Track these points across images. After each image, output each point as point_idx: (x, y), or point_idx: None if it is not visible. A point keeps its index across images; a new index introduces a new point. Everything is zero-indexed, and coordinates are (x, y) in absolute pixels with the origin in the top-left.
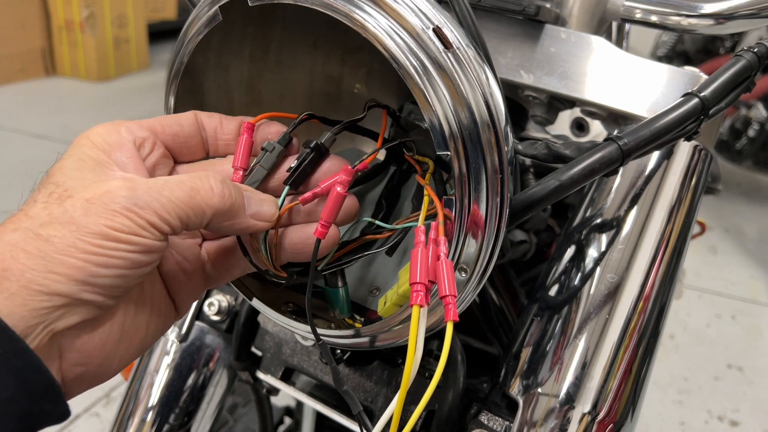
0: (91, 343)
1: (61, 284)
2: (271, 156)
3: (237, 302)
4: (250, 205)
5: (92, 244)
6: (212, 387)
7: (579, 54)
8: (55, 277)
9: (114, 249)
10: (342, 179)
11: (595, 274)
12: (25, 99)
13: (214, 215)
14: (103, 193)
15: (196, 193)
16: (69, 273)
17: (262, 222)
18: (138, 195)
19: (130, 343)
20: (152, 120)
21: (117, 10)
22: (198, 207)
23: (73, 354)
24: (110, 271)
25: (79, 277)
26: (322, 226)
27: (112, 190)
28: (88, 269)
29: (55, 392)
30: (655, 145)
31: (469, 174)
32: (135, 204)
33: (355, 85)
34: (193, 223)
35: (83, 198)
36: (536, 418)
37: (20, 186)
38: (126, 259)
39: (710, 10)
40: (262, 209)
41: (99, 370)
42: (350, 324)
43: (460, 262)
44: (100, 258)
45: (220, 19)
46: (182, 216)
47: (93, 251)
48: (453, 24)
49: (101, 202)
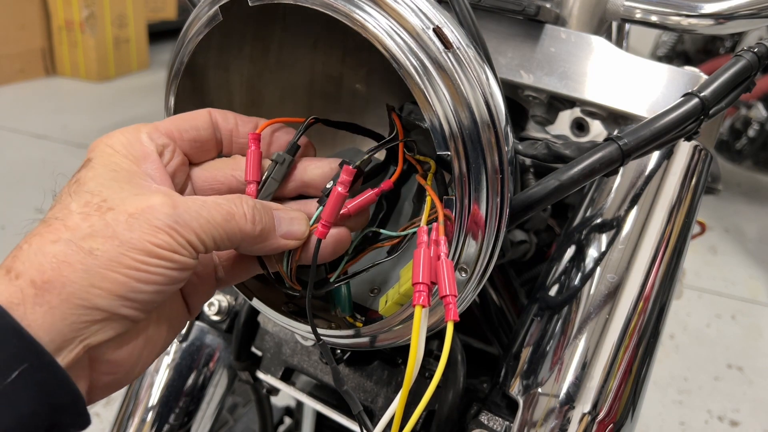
0: (120, 354)
1: (102, 299)
2: (281, 168)
3: (237, 302)
4: (280, 225)
5: (135, 260)
6: (212, 387)
7: (579, 54)
8: (96, 292)
9: (156, 266)
10: (343, 179)
11: (595, 274)
12: (25, 99)
13: (244, 239)
14: (146, 209)
15: (231, 217)
16: (111, 288)
17: (292, 241)
18: (179, 213)
19: (152, 349)
20: (169, 124)
21: (117, 10)
22: (232, 231)
23: (104, 365)
24: (150, 287)
25: (120, 293)
26: (323, 226)
27: (154, 206)
28: (129, 285)
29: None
30: (655, 145)
31: (469, 174)
32: (176, 222)
33: (355, 85)
34: (224, 246)
35: (126, 212)
36: (536, 418)
37: (20, 186)
38: (165, 276)
39: (710, 10)
40: (293, 228)
41: (124, 377)
42: (351, 323)
43: (461, 262)
44: (141, 274)
45: (220, 19)
46: (216, 238)
47: (136, 267)
48: (453, 24)
49: (144, 217)
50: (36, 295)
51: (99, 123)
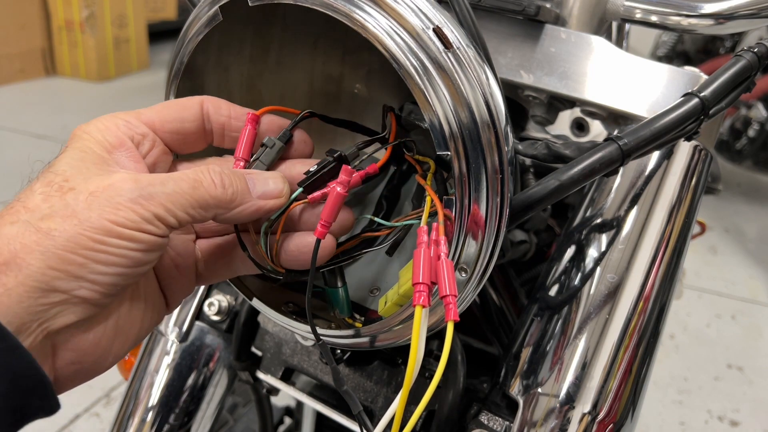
0: (85, 341)
1: (60, 280)
2: (270, 152)
3: (237, 302)
4: (255, 186)
5: (94, 240)
6: (212, 387)
7: (579, 54)
8: (53, 273)
9: (115, 246)
10: (342, 179)
11: (595, 274)
12: (25, 99)
13: (218, 206)
14: (107, 186)
15: (199, 184)
16: (69, 269)
17: (273, 200)
18: (142, 187)
19: (124, 339)
20: (152, 113)
21: (117, 10)
22: (202, 198)
23: (67, 353)
24: (110, 269)
25: (79, 274)
26: (322, 226)
27: (115, 183)
28: (88, 266)
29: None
30: (655, 145)
31: (469, 174)
32: (140, 196)
33: (355, 85)
34: (199, 215)
35: (87, 191)
36: (536, 418)
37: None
38: (126, 257)
39: (710, 10)
40: (269, 187)
41: (93, 367)
42: (350, 324)
43: (461, 262)
44: (101, 255)
45: (220, 19)
46: (187, 208)
47: (94, 247)
48: (453, 24)
49: (105, 195)
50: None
51: None
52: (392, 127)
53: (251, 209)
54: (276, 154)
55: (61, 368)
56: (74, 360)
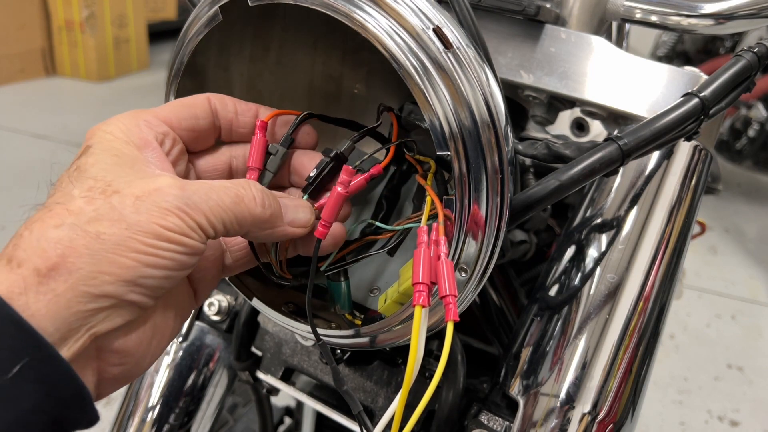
0: (128, 343)
1: (110, 285)
2: (275, 159)
3: (237, 302)
4: (287, 213)
5: (144, 243)
6: (212, 387)
7: (579, 54)
8: (104, 278)
9: (165, 249)
10: (342, 179)
11: (595, 274)
12: (25, 99)
13: (254, 224)
14: (153, 191)
15: (240, 200)
16: (119, 273)
17: (299, 229)
18: (188, 195)
19: (161, 338)
20: (168, 112)
21: (117, 10)
22: (241, 214)
23: (112, 355)
24: (159, 272)
25: (129, 278)
26: (323, 226)
27: (162, 188)
28: (138, 269)
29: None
30: (655, 145)
31: (469, 174)
32: (186, 204)
33: (355, 85)
34: (233, 230)
35: (132, 195)
36: (536, 418)
37: (20, 186)
38: (174, 260)
39: (710, 10)
40: (298, 216)
41: (134, 368)
42: (350, 320)
43: (461, 262)
44: (151, 258)
45: (220, 19)
46: (226, 221)
47: (145, 250)
48: (453, 24)
49: (152, 199)
50: (40, 284)
51: (99, 123)
52: (394, 126)
53: (279, 233)
54: (281, 160)
55: (106, 370)
56: (118, 362)
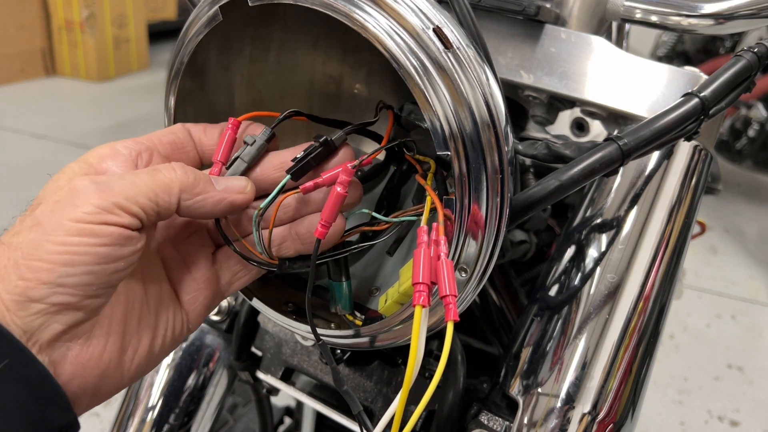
0: (85, 353)
1: (32, 290)
2: (251, 149)
3: (237, 302)
4: (218, 182)
5: (57, 243)
6: (212, 387)
7: (579, 54)
8: (24, 284)
9: (78, 244)
10: (342, 179)
11: (595, 274)
12: (25, 99)
13: (181, 190)
14: (68, 191)
15: (158, 172)
16: (38, 276)
17: (236, 194)
18: (100, 182)
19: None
20: (148, 135)
21: (117, 10)
22: (162, 183)
23: (68, 366)
24: (77, 269)
25: (48, 279)
26: (322, 226)
27: (74, 185)
28: (55, 270)
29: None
30: (655, 145)
31: (469, 174)
32: (97, 189)
33: (355, 85)
34: (162, 201)
35: (52, 201)
36: (536, 418)
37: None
38: (91, 254)
39: (710, 10)
40: (231, 182)
41: (101, 382)
42: (351, 320)
43: (461, 262)
44: (65, 257)
45: (220, 19)
46: (149, 194)
47: (58, 250)
48: (453, 24)
49: (66, 198)
50: None
51: (99, 123)
52: (389, 123)
53: (214, 198)
54: (257, 151)
55: (67, 383)
56: (77, 373)
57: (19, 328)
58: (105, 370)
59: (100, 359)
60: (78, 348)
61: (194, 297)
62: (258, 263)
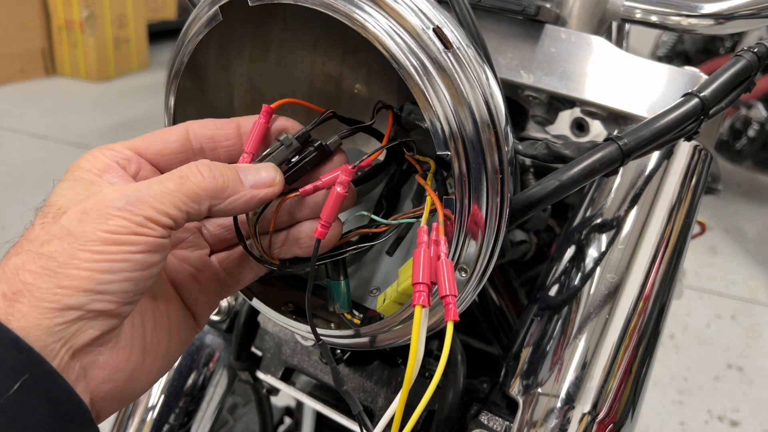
0: (114, 357)
1: (71, 297)
2: (284, 151)
3: (237, 302)
4: (247, 176)
5: (93, 251)
6: (212, 387)
7: (579, 54)
8: (63, 292)
9: (116, 252)
10: (342, 179)
11: (595, 274)
12: (25, 99)
13: (211, 197)
14: (95, 202)
15: (185, 179)
16: (76, 284)
17: (265, 189)
18: (128, 194)
19: (155, 357)
20: (136, 140)
21: (117, 10)
22: (192, 192)
23: (99, 371)
24: (117, 276)
25: (87, 287)
26: (322, 226)
27: (102, 197)
28: (94, 277)
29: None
30: (655, 145)
31: (469, 174)
32: (128, 203)
33: (355, 85)
34: (193, 210)
35: (78, 211)
36: (536, 418)
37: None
38: (130, 261)
39: (710, 10)
40: (260, 176)
41: (127, 386)
42: (349, 319)
43: (461, 262)
44: (103, 264)
45: (220, 19)
46: (179, 204)
47: (95, 258)
48: (453, 24)
49: (95, 210)
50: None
51: (99, 123)
52: (389, 123)
53: (244, 198)
54: (290, 153)
55: (96, 388)
56: (107, 378)
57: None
58: (132, 373)
59: (128, 362)
60: (108, 353)
61: (196, 298)
62: (265, 263)
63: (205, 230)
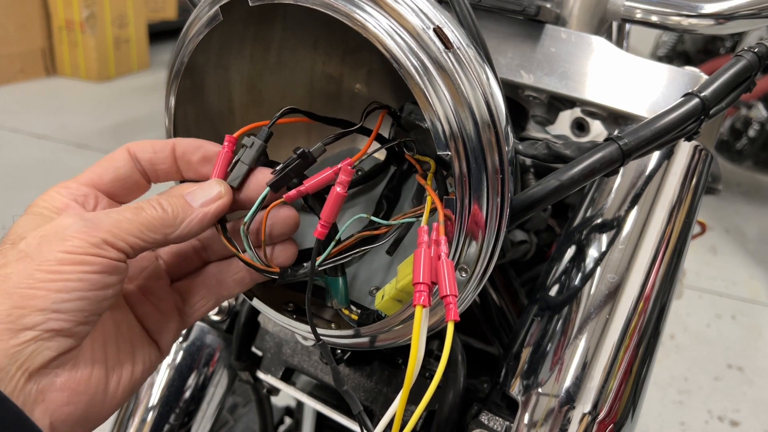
0: (74, 380)
1: (26, 317)
2: (250, 151)
3: (237, 302)
4: (194, 200)
5: (49, 272)
6: (212, 387)
7: (579, 54)
8: (18, 312)
9: (71, 272)
10: (342, 179)
11: (595, 274)
12: (25, 99)
13: (165, 226)
14: (55, 226)
15: (141, 210)
16: (32, 303)
17: (215, 203)
18: (88, 219)
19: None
20: (88, 173)
21: (117, 10)
22: (147, 221)
23: (57, 393)
24: (71, 295)
25: (42, 306)
26: (322, 226)
27: (62, 221)
28: (49, 296)
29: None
30: (655, 145)
31: (469, 174)
32: (86, 226)
33: (356, 85)
34: (149, 238)
35: (37, 235)
36: (536, 418)
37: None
38: (85, 281)
39: (710, 10)
40: (206, 194)
41: (89, 409)
42: (347, 314)
43: (461, 262)
44: (58, 283)
45: (220, 19)
46: (135, 232)
47: (51, 278)
48: (453, 24)
49: (54, 233)
50: None
51: (99, 123)
52: (378, 122)
53: (197, 218)
54: (257, 152)
55: (56, 411)
56: (66, 401)
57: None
58: (93, 396)
59: (88, 385)
60: (66, 374)
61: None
62: (261, 271)
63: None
